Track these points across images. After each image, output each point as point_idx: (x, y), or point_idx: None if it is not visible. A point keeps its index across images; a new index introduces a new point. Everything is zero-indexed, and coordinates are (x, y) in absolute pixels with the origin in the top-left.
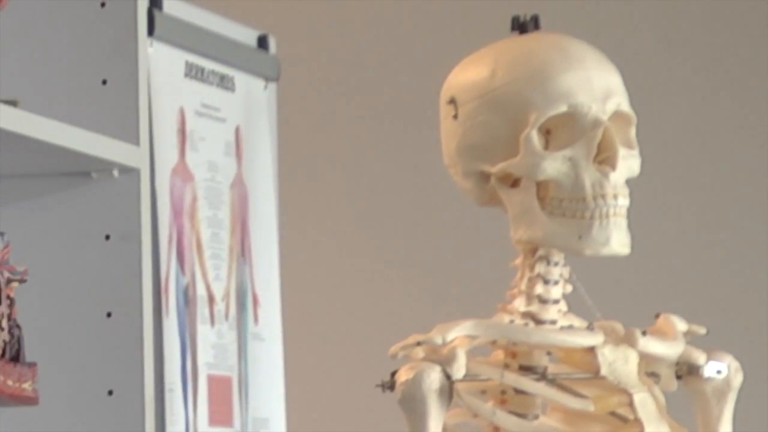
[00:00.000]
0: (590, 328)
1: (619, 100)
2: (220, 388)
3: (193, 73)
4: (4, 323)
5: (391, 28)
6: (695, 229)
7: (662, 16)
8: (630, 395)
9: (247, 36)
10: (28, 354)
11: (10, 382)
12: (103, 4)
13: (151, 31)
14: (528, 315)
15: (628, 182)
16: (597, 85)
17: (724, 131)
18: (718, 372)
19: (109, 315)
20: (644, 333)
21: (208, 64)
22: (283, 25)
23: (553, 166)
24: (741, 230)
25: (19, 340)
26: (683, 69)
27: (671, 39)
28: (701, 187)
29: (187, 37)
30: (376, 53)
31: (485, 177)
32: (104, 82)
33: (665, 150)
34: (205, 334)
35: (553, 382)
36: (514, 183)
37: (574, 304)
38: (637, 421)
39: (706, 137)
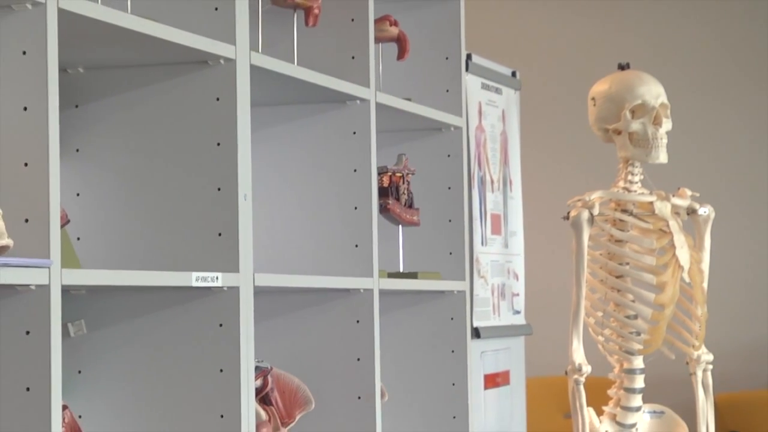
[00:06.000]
0: (651, 193)
1: (663, 98)
2: (495, 218)
3: (484, 87)
4: (405, 190)
5: (569, 67)
6: (695, 154)
7: (683, 56)
8: (667, 221)
9: (506, 71)
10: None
11: (408, 216)
12: (447, 58)
13: (467, 69)
14: (624, 188)
15: (667, 132)
16: (654, 92)
17: (721, 133)
18: (704, 211)
19: (449, 188)
20: (674, 195)
21: (491, 83)
22: (522, 65)
23: (635, 125)
24: (722, 152)
25: (411, 198)
26: (692, 84)
27: (684, 69)
28: (700, 139)
29: (481, 72)
30: (562, 77)
31: (607, 130)
32: (447, 90)
33: (681, 120)
34: (489, 196)
35: (635, 216)
36: (619, 132)
37: (644, 183)
38: (671, 232)
39: (704, 128)
